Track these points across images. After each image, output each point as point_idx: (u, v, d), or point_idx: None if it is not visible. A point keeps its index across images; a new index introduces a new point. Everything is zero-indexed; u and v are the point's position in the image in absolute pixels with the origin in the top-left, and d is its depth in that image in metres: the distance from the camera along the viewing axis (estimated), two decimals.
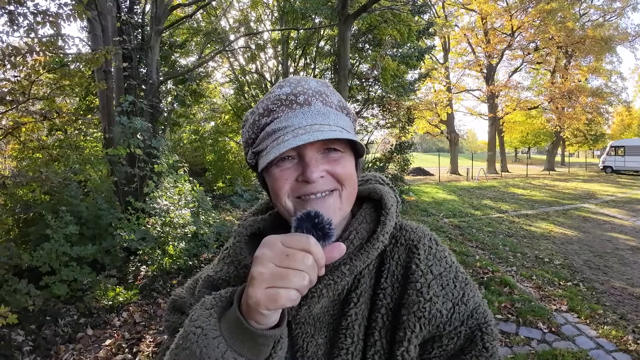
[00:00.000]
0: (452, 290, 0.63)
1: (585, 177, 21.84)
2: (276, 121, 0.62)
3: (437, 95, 25.67)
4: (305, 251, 0.48)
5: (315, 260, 0.48)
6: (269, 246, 0.49)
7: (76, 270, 3.83)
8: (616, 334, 3.54)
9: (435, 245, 0.69)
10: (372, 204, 0.71)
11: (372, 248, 0.64)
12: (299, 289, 0.47)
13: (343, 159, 0.63)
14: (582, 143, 32.76)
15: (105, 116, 5.46)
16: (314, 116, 0.61)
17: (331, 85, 0.69)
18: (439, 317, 0.61)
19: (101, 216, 4.71)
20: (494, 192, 14.76)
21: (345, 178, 0.62)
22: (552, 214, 9.94)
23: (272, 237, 0.50)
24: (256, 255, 0.49)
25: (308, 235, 0.49)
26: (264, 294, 0.46)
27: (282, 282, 0.46)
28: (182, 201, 5.40)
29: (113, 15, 5.53)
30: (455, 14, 26.96)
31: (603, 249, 6.54)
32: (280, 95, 0.63)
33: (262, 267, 0.47)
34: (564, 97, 23.73)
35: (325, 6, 10.08)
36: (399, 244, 0.68)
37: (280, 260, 0.47)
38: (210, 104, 15.51)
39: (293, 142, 0.57)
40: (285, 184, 0.61)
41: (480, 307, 0.65)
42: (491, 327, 0.64)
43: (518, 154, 49.82)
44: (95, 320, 3.59)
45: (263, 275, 0.47)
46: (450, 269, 0.66)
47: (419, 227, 0.72)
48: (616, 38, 25.82)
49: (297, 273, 0.47)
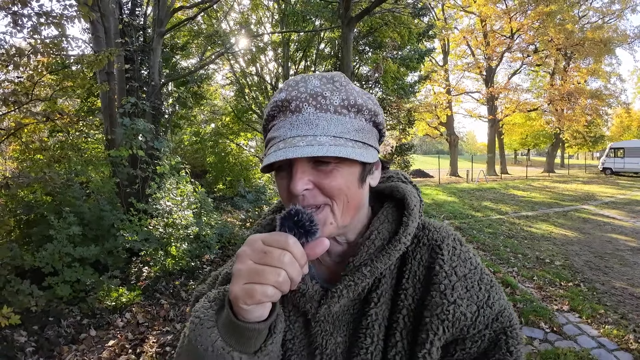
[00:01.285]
0: (477, 293, 0.62)
1: (585, 179, 21.85)
2: (273, 129, 0.61)
3: (436, 97, 25.75)
4: (282, 249, 0.49)
5: (294, 257, 0.49)
6: (249, 244, 0.51)
7: (79, 271, 3.83)
8: (617, 333, 3.56)
9: (460, 246, 0.67)
10: (393, 203, 0.69)
11: (394, 249, 0.62)
12: (276, 285, 0.48)
13: (335, 171, 0.58)
14: (581, 145, 32.81)
15: (108, 117, 5.47)
16: (300, 126, 0.58)
17: (343, 79, 0.63)
18: (463, 320, 0.60)
19: (104, 217, 4.72)
20: (494, 194, 14.77)
21: (334, 192, 0.58)
22: (552, 216, 9.95)
23: (255, 235, 0.52)
24: (237, 253, 0.51)
25: (287, 234, 0.51)
26: (242, 289, 0.48)
27: (258, 278, 0.48)
28: (184, 202, 5.42)
29: (115, 17, 5.56)
30: (454, 16, 27.11)
31: (603, 249, 6.55)
32: (277, 101, 0.60)
33: (241, 264, 0.50)
34: (563, 99, 23.78)
35: (325, 9, 10.12)
36: (422, 244, 0.66)
37: (258, 258, 0.49)
38: (211, 106, 15.54)
39: (271, 157, 0.55)
40: (284, 192, 0.61)
41: (506, 311, 0.63)
42: (516, 331, 0.62)
43: (518, 155, 49.91)
44: (98, 321, 3.59)
45: (241, 272, 0.49)
46: (475, 270, 0.64)
47: (442, 226, 0.70)
48: (615, 40, 25.89)
49: (272, 270, 0.48)
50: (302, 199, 0.58)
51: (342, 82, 0.62)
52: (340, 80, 0.62)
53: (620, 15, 26.77)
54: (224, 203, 10.71)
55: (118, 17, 5.83)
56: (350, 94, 0.61)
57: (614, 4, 26.83)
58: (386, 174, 0.77)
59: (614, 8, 26.73)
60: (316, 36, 11.89)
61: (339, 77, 0.62)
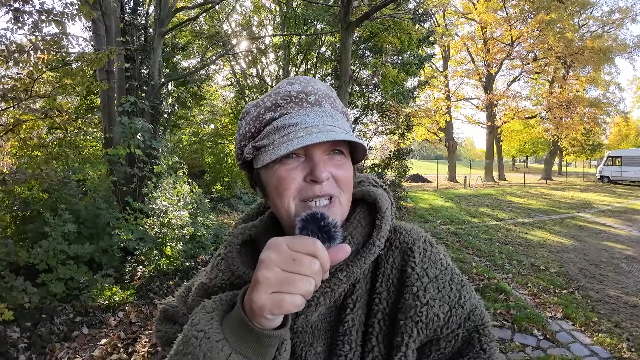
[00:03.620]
0: (448, 293, 0.62)
1: (582, 187, 21.94)
2: (286, 117, 0.61)
3: (436, 102, 25.85)
4: (312, 255, 0.47)
5: (321, 265, 0.47)
6: (275, 249, 0.47)
7: (73, 268, 3.83)
8: (610, 341, 3.56)
9: (430, 248, 0.67)
10: (365, 207, 0.69)
11: (369, 253, 0.62)
12: (305, 295, 0.46)
13: (346, 163, 0.63)
14: (579, 153, 32.98)
15: (106, 116, 5.48)
16: (325, 117, 0.61)
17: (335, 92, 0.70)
18: (436, 320, 0.60)
19: (99, 215, 4.71)
20: (491, 200, 14.81)
21: (345, 183, 0.62)
22: (548, 223, 9.98)
23: (278, 239, 0.49)
24: (262, 259, 0.48)
25: (315, 239, 0.48)
26: (269, 298, 0.46)
27: (288, 288, 0.45)
28: (180, 202, 5.41)
29: (117, 15, 5.58)
30: (455, 23, 27.24)
31: (599, 257, 6.57)
32: (290, 91, 0.62)
33: (267, 271, 0.46)
34: (562, 106, 23.93)
35: (327, 13, 10.17)
36: (394, 247, 0.67)
37: (287, 265, 0.46)
38: (211, 107, 15.55)
39: (308, 139, 0.56)
40: (291, 183, 0.59)
41: (477, 309, 0.64)
42: (488, 329, 0.63)
43: (515, 162, 50.04)
44: (91, 320, 3.58)
45: (269, 280, 0.46)
46: (445, 271, 0.65)
47: (413, 228, 0.70)
48: (615, 49, 26.08)
49: (303, 278, 0.46)
50: (320, 188, 0.58)
51: (335, 94, 0.69)
52: (334, 92, 0.69)
53: (620, 25, 26.98)
54: (221, 204, 10.70)
55: (119, 15, 5.85)
56: (343, 105, 0.69)
57: (614, 14, 27.07)
58: (357, 179, 0.76)
59: (614, 17, 26.96)
60: (317, 40, 11.94)
61: (333, 89, 0.70)
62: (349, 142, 0.63)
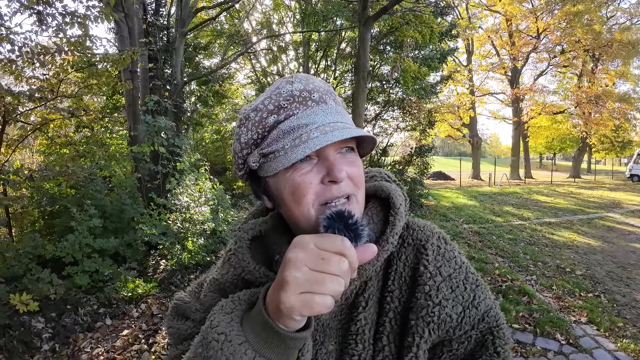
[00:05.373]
0: (462, 293, 0.60)
1: (612, 186, 20.96)
2: (292, 118, 0.58)
3: (459, 98, 25.22)
4: (341, 254, 0.45)
5: (349, 264, 0.45)
6: (302, 248, 0.45)
7: (98, 261, 3.98)
8: (635, 347, 3.41)
9: (444, 245, 0.65)
10: (378, 203, 0.67)
11: (382, 251, 0.60)
12: (334, 295, 0.44)
13: (357, 160, 0.61)
14: (609, 150, 31.45)
15: (131, 115, 5.65)
16: (333, 114, 0.59)
17: None
18: (448, 321, 0.58)
19: (124, 211, 4.87)
20: (516, 199, 14.37)
21: (359, 180, 0.60)
22: (576, 223, 9.59)
23: (304, 237, 0.46)
24: (289, 258, 0.45)
25: (343, 238, 0.46)
26: (299, 299, 0.44)
27: (318, 288, 0.43)
28: (202, 198, 5.54)
29: (139, 17, 5.73)
30: (479, 15, 26.47)
31: (627, 260, 6.28)
32: (292, 91, 0.59)
33: (296, 270, 0.44)
34: (590, 102, 22.87)
35: (346, 8, 10.10)
36: (407, 244, 0.65)
37: (315, 264, 0.44)
38: (232, 105, 15.78)
39: (324, 139, 0.53)
40: (309, 188, 0.56)
41: (492, 310, 0.62)
42: (503, 331, 0.61)
43: (543, 160, 48.30)
44: (114, 311, 3.72)
45: (298, 280, 0.44)
46: (460, 270, 0.63)
47: (426, 225, 0.68)
48: None
49: (333, 278, 0.44)
50: (338, 189, 0.56)
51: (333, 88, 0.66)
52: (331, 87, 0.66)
53: None
54: (242, 200, 10.87)
55: (142, 17, 6.00)
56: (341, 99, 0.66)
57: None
58: (369, 174, 0.75)
59: None
60: (336, 36, 11.88)
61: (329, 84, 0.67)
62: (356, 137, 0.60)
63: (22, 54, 3.02)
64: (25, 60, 3.13)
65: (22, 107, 3.61)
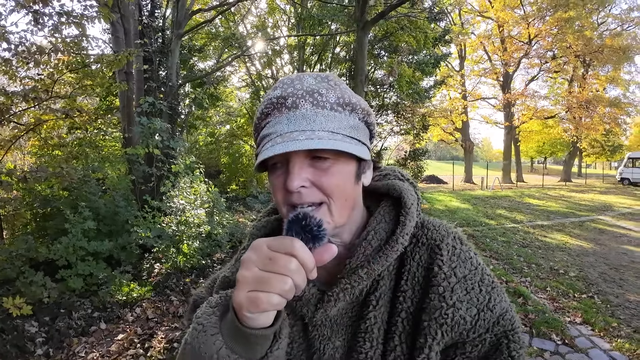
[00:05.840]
0: (477, 295, 0.59)
1: (602, 189, 21.27)
2: (267, 126, 0.60)
3: (452, 102, 25.48)
4: (290, 255, 0.46)
5: (301, 264, 0.47)
6: (254, 250, 0.48)
7: (92, 265, 3.92)
8: (630, 347, 3.46)
9: (460, 245, 0.64)
10: (390, 202, 0.67)
11: (391, 250, 0.60)
12: (281, 294, 0.46)
13: (333, 167, 0.57)
14: (599, 154, 32.00)
15: (126, 116, 5.60)
16: (298, 121, 0.57)
17: (336, 78, 0.63)
18: (462, 323, 0.58)
19: (118, 213, 4.82)
20: (508, 202, 14.50)
21: (332, 190, 0.57)
22: (567, 225, 9.71)
23: (260, 240, 0.49)
24: (242, 259, 0.49)
25: (293, 238, 0.48)
26: (246, 297, 0.46)
27: (264, 287, 0.46)
28: (197, 201, 5.49)
29: (135, 18, 5.70)
30: (471, 21, 26.83)
31: (619, 261, 6.37)
32: (272, 98, 0.60)
33: (246, 270, 0.47)
34: (581, 106, 23.25)
35: (341, 13, 10.16)
36: (420, 244, 0.64)
37: (264, 264, 0.47)
38: (227, 108, 15.74)
39: (268, 152, 0.54)
40: (278, 191, 0.59)
41: (508, 314, 0.61)
42: (518, 335, 0.60)
43: (534, 163, 48.90)
44: (108, 315, 3.66)
45: (246, 279, 0.47)
46: (475, 271, 0.62)
47: (442, 224, 0.67)
48: (634, 47, 25.14)
49: (279, 277, 0.46)
50: (298, 196, 0.56)
51: (336, 82, 0.62)
52: (335, 79, 0.62)
53: (639, 23, 26.06)
54: (236, 203, 10.81)
55: (137, 18, 5.97)
56: (345, 93, 0.61)
57: (632, 11, 26.29)
58: (382, 172, 0.74)
59: (633, 15, 26.05)
60: (331, 40, 11.94)
61: (332, 77, 0.62)
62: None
63: (17, 53, 2.98)
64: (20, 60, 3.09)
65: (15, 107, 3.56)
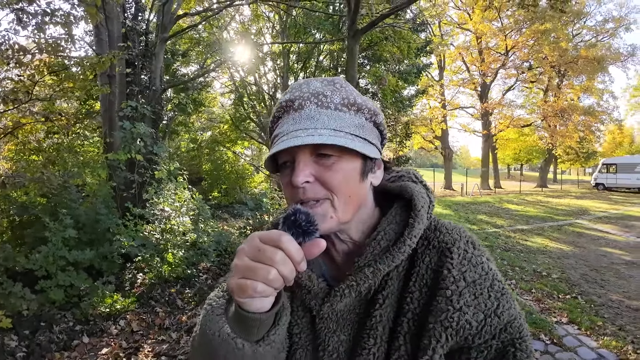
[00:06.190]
0: (485, 301, 0.59)
1: (578, 194, 22.09)
2: (277, 127, 0.64)
3: (432, 111, 26.07)
4: (276, 247, 0.50)
5: (288, 256, 0.50)
6: (248, 241, 0.52)
7: (72, 275, 3.74)
8: (616, 344, 3.56)
9: (472, 249, 0.64)
10: (402, 203, 0.68)
11: (398, 252, 0.61)
12: (265, 282, 0.49)
13: (336, 164, 0.60)
14: (574, 161, 33.34)
15: (107, 120, 5.43)
16: (302, 121, 0.60)
17: (343, 82, 0.66)
18: (467, 328, 0.57)
19: (99, 221, 4.63)
20: (488, 208, 14.84)
21: (335, 186, 0.60)
22: (547, 229, 10.00)
23: (254, 233, 0.53)
24: (237, 249, 0.53)
25: (281, 232, 0.51)
26: (235, 283, 0.51)
27: (250, 275, 0.50)
28: (183, 208, 5.35)
29: (119, 20, 5.56)
30: (451, 33, 27.63)
31: (598, 263, 6.59)
32: (282, 102, 0.65)
33: (238, 259, 0.52)
34: (556, 115, 24.22)
35: (326, 22, 10.26)
36: (432, 246, 0.64)
37: (253, 255, 0.50)
38: (208, 114, 15.55)
39: (272, 149, 0.60)
40: (286, 190, 0.63)
41: (516, 321, 0.60)
42: (526, 344, 0.59)
43: (511, 170, 50.38)
44: (91, 328, 3.48)
45: (238, 267, 0.51)
46: (486, 276, 0.61)
47: (455, 227, 0.67)
48: (608, 58, 26.47)
49: (262, 267, 0.49)
50: (303, 192, 0.60)
51: (342, 84, 0.65)
52: (341, 82, 0.65)
53: (613, 34, 27.41)
54: (219, 211, 10.63)
55: (122, 21, 5.84)
56: (350, 94, 0.64)
57: (607, 23, 27.52)
58: (397, 173, 0.76)
59: (607, 27, 27.43)
60: (316, 48, 12.02)
61: (339, 80, 0.66)
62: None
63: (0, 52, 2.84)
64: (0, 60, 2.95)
65: None
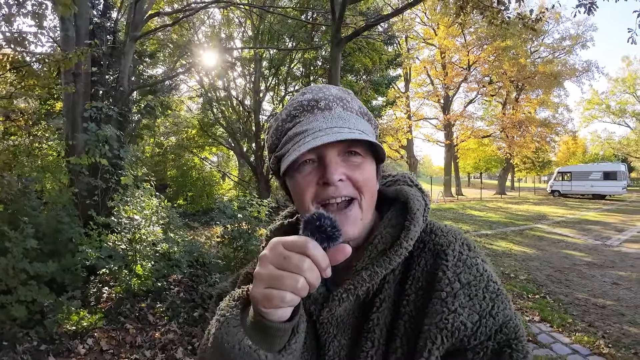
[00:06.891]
0: (480, 302, 0.59)
1: (535, 200, 23.48)
2: (297, 125, 0.64)
3: (398, 121, 26.82)
4: (302, 254, 0.48)
5: (314, 263, 0.48)
6: (271, 248, 0.51)
7: (34, 290, 3.39)
8: (588, 339, 3.78)
9: (467, 251, 0.64)
10: (399, 207, 0.69)
11: (395, 255, 0.62)
12: (294, 291, 0.48)
13: (363, 164, 0.63)
14: (530, 169, 35.50)
15: (70, 121, 5.05)
16: (334, 119, 0.63)
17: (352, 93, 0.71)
18: (462, 330, 0.57)
19: (61, 230, 4.27)
20: (453, 214, 15.38)
21: (363, 184, 0.62)
22: (509, 234, 10.49)
23: (276, 239, 0.51)
24: (260, 257, 0.52)
25: (307, 238, 0.50)
26: (261, 293, 0.49)
27: (277, 284, 0.48)
28: (153, 217, 5.04)
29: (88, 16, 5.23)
30: (416, 47, 28.69)
31: (561, 264, 6.98)
32: (302, 101, 0.66)
33: (261, 268, 0.50)
34: (514, 126, 25.73)
35: (301, 30, 10.28)
36: (427, 249, 0.65)
37: (278, 263, 0.49)
38: (174, 118, 15.01)
39: (312, 142, 0.58)
40: (308, 189, 0.62)
41: (511, 322, 0.60)
42: (522, 344, 0.59)
43: (471, 178, 52.73)
44: (57, 348, 3.16)
45: (262, 276, 0.50)
46: (481, 277, 0.61)
47: (450, 230, 0.68)
48: (564, 74, 28.45)
49: (290, 275, 0.48)
50: (335, 189, 0.60)
51: (352, 95, 0.71)
52: (352, 93, 0.71)
53: (570, 51, 29.45)
54: (186, 219, 10.22)
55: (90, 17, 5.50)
56: (362, 105, 0.71)
57: (564, 40, 29.53)
58: (393, 178, 0.77)
59: (564, 44, 29.44)
60: (288, 56, 12.00)
61: (350, 91, 0.71)
62: (369, 143, 0.63)
63: None
64: None
65: None
